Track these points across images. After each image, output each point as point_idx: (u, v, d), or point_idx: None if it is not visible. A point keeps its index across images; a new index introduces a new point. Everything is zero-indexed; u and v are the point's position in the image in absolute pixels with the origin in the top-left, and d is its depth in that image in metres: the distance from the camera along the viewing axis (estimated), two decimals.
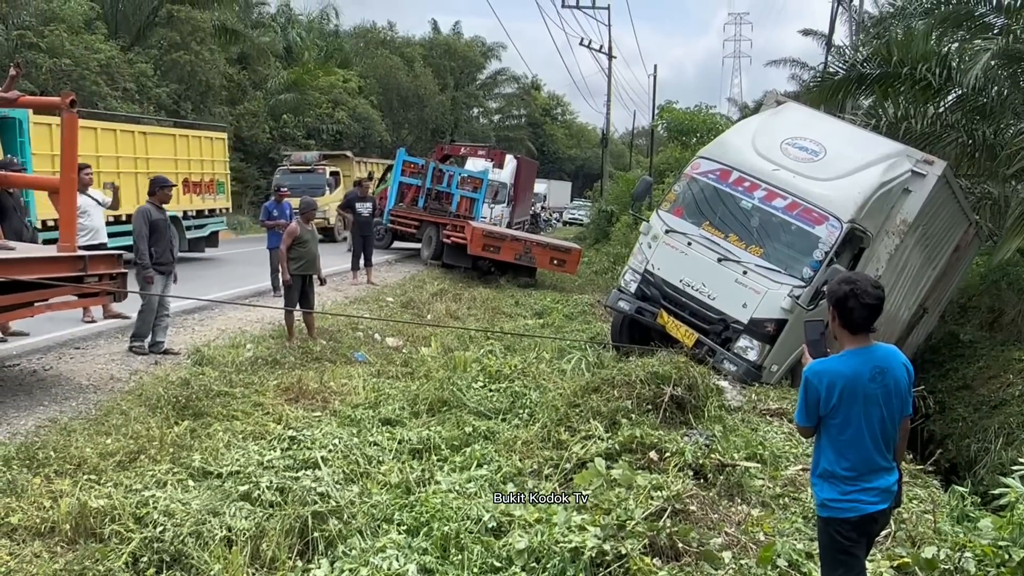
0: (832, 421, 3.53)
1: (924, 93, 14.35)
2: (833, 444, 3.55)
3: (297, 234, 9.75)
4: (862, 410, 3.49)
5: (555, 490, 5.30)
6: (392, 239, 22.32)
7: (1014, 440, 9.06)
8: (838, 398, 3.48)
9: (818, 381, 3.53)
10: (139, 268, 8.69)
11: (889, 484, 3.56)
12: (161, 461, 5.44)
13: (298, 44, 41.25)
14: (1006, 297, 13.51)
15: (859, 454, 3.51)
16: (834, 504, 3.52)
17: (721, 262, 9.51)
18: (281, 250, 9.79)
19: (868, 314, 3.51)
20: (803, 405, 3.60)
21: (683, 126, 28.62)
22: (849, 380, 3.48)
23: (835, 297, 3.55)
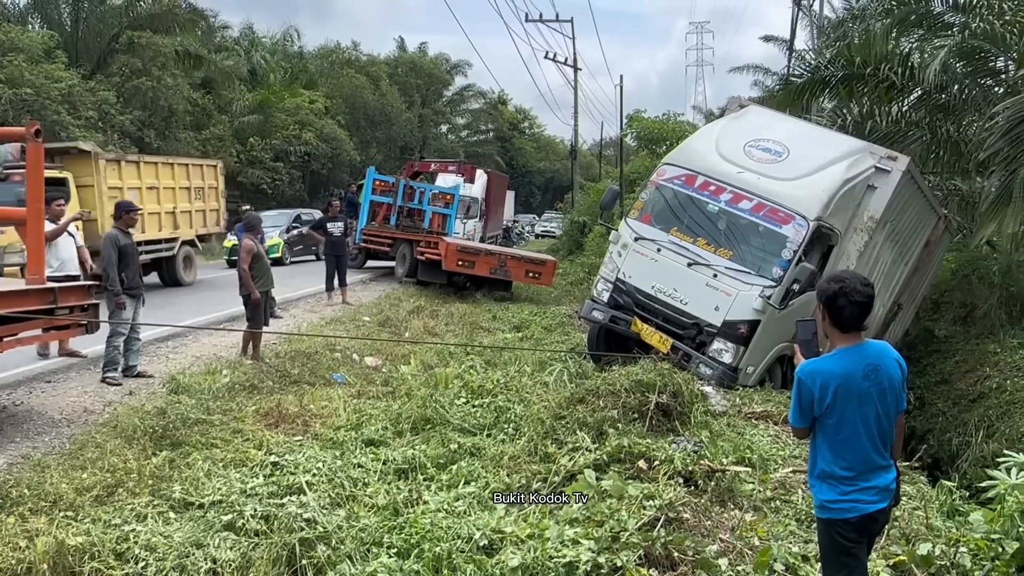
0: (828, 421, 3.49)
1: (887, 93, 14.57)
2: (830, 444, 3.51)
3: (255, 251, 9.73)
4: (857, 409, 3.45)
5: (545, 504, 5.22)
6: (366, 258, 22.18)
7: (994, 432, 9.12)
8: (832, 398, 3.44)
9: (811, 381, 3.48)
10: (109, 294, 8.58)
11: (888, 482, 3.53)
12: (140, 494, 5.29)
13: (262, 66, 41.03)
14: (977, 291, 13.64)
15: (856, 453, 3.48)
16: (834, 505, 3.49)
17: (691, 266, 9.52)
18: (244, 269, 9.72)
19: (858, 312, 3.48)
20: (796, 406, 3.55)
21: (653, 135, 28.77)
22: (843, 379, 3.45)
23: (824, 296, 3.52)
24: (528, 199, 70.29)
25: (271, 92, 37.05)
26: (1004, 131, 9.50)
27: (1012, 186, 9.36)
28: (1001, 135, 9.54)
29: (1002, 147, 9.52)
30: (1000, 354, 10.86)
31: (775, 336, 9.23)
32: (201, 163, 19.50)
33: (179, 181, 17.57)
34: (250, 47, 41.76)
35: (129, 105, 26.23)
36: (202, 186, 18.51)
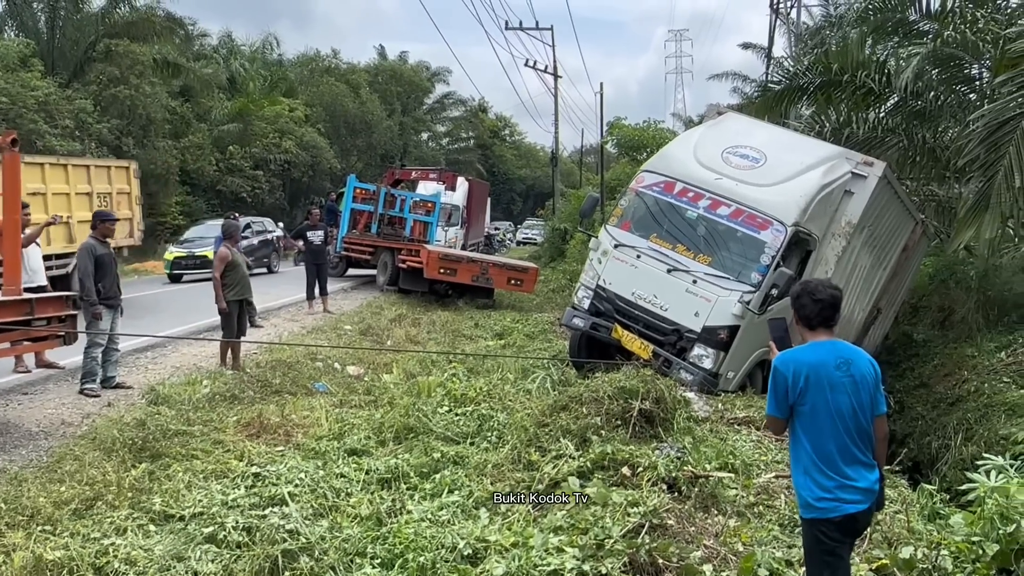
0: (802, 408, 3.61)
1: (864, 99, 14.72)
2: (808, 434, 3.61)
3: (229, 259, 9.68)
4: (829, 396, 3.58)
5: (529, 512, 5.22)
6: (347, 266, 22.09)
7: (973, 435, 9.20)
8: (804, 382, 3.59)
9: (785, 369, 3.64)
10: (86, 305, 8.50)
11: (870, 482, 3.58)
12: (119, 507, 5.22)
13: (241, 75, 40.84)
14: (955, 295, 13.79)
15: (835, 442, 3.57)
16: (818, 504, 3.55)
17: (671, 273, 9.57)
18: (216, 278, 9.68)
19: (820, 309, 3.70)
20: (772, 394, 3.69)
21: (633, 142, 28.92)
22: (814, 366, 3.61)
23: (792, 296, 3.82)
24: (509, 206, 70.36)
25: (250, 100, 36.87)
26: (981, 138, 9.63)
27: (990, 192, 9.48)
28: (979, 142, 9.67)
29: (980, 153, 9.65)
30: (977, 358, 10.98)
31: (755, 341, 9.28)
32: (107, 164, 16.54)
33: (76, 185, 14.53)
34: (229, 55, 41.58)
35: (107, 114, 26.02)
36: (108, 191, 15.36)
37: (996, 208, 9.47)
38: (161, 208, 29.04)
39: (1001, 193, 9.34)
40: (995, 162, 9.43)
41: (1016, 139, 9.08)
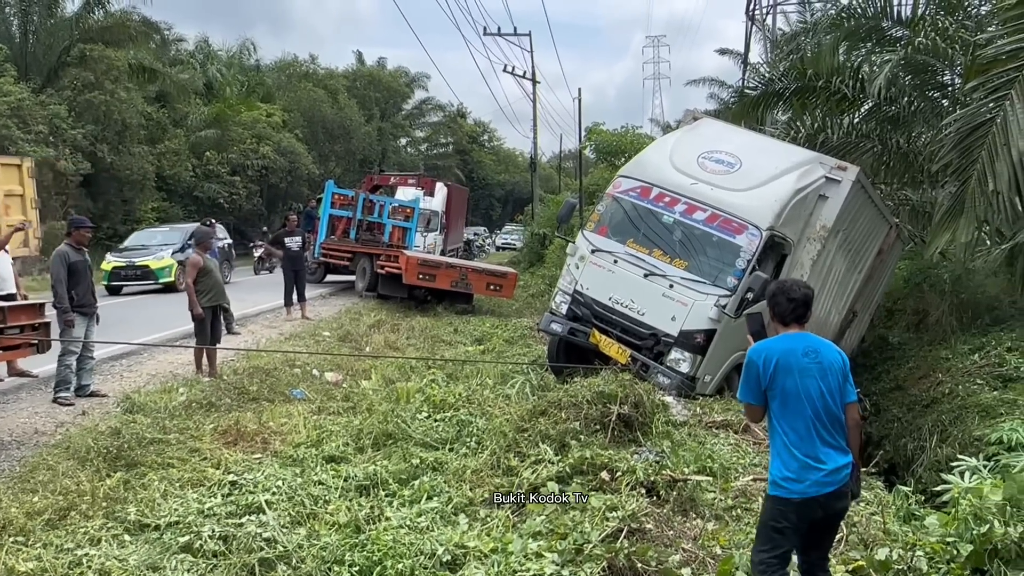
0: (773, 392, 3.84)
1: (839, 105, 14.86)
2: (778, 417, 3.84)
3: (201, 265, 9.64)
4: (798, 380, 3.80)
5: (508, 518, 5.21)
6: (325, 272, 21.98)
7: (947, 437, 9.29)
8: (774, 367, 3.83)
9: (757, 357, 3.89)
10: (58, 312, 8.42)
11: (838, 465, 3.75)
12: (94, 517, 5.15)
13: (218, 80, 40.64)
14: (929, 298, 13.94)
15: (803, 423, 3.78)
16: (783, 483, 3.75)
17: (648, 277, 9.61)
18: (188, 283, 9.63)
19: (793, 307, 3.94)
20: (744, 381, 3.96)
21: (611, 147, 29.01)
22: (783, 353, 3.87)
23: (768, 295, 4.06)
24: (488, 212, 70.43)
25: (227, 105, 36.69)
26: (954, 143, 9.74)
27: (964, 197, 9.59)
28: (951, 147, 9.78)
29: (953, 159, 9.76)
30: (952, 360, 11.09)
31: (731, 345, 9.34)
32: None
33: None
34: (206, 60, 41.36)
35: (81, 119, 25.80)
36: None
37: (971, 212, 9.58)
38: (137, 214, 28.80)
39: (975, 198, 9.45)
40: (968, 167, 9.54)
41: (988, 144, 9.19)
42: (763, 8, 31.57)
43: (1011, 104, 8.81)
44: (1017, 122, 8.73)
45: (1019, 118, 8.70)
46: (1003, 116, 8.97)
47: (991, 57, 9.20)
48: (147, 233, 21.68)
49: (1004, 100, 8.93)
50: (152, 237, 20.75)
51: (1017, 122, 8.73)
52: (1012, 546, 4.27)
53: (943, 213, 10.28)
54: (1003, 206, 9.37)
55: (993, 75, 9.12)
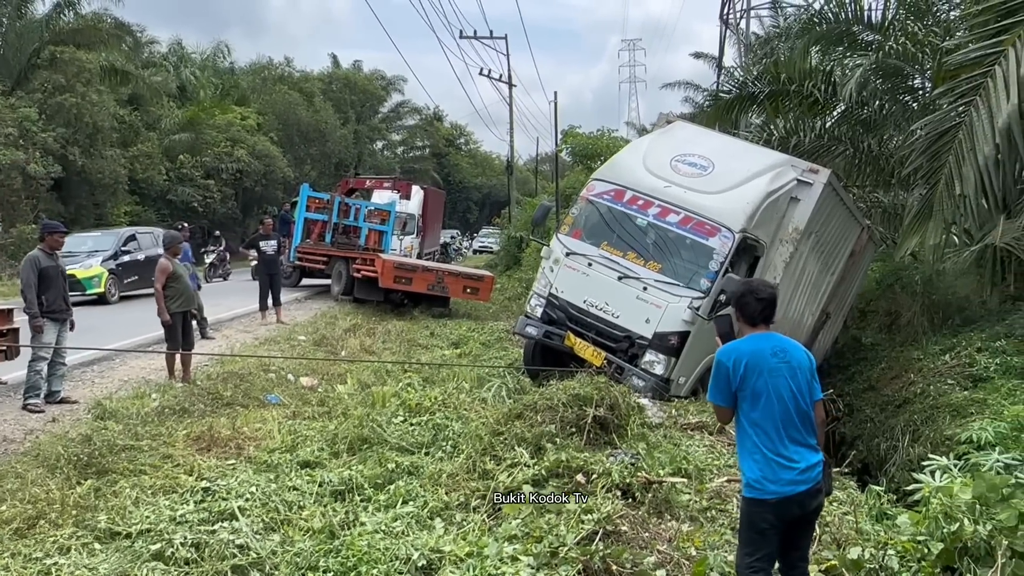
0: (743, 393, 3.84)
1: (811, 108, 15.04)
2: (749, 418, 3.84)
3: (170, 270, 9.58)
4: (768, 379, 3.82)
5: (484, 521, 5.20)
6: (300, 276, 21.85)
7: (920, 436, 9.40)
8: (744, 368, 3.84)
9: (726, 358, 3.90)
10: (29, 318, 8.33)
11: (810, 463, 3.78)
12: (63, 525, 5.08)
13: (192, 83, 40.30)
14: (901, 300, 14.11)
15: (774, 423, 3.80)
16: (756, 484, 3.77)
17: (622, 280, 9.65)
18: (158, 289, 9.55)
19: (762, 307, 3.97)
20: (714, 382, 3.95)
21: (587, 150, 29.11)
22: (753, 354, 3.88)
23: (735, 296, 4.10)
24: (465, 215, 70.37)
25: (201, 108, 36.38)
26: (923, 148, 9.88)
27: (932, 200, 9.72)
28: (921, 152, 9.93)
29: (922, 163, 9.90)
30: (923, 360, 11.23)
31: (705, 346, 9.38)
32: None
33: None
34: (179, 63, 40.97)
35: (52, 122, 25.45)
36: None
37: (939, 215, 9.71)
38: (109, 218, 28.46)
39: (943, 201, 9.58)
40: (936, 171, 9.68)
41: (955, 149, 9.32)
42: (737, 12, 31.84)
43: (976, 110, 8.94)
44: (983, 127, 8.86)
45: (984, 124, 8.82)
46: (969, 121, 9.10)
47: (958, 63, 9.34)
48: (78, 238, 18.84)
49: (970, 106, 9.06)
50: (82, 243, 18.48)
51: (983, 127, 8.86)
52: (981, 544, 4.32)
53: (912, 216, 10.42)
54: (970, 209, 9.50)
55: (960, 81, 9.26)
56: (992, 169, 9.02)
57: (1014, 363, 9.91)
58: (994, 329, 11.19)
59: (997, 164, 9.02)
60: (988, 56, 8.77)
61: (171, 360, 9.80)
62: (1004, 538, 4.27)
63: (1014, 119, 8.41)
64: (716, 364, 3.93)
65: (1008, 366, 9.89)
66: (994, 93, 8.62)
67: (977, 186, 9.17)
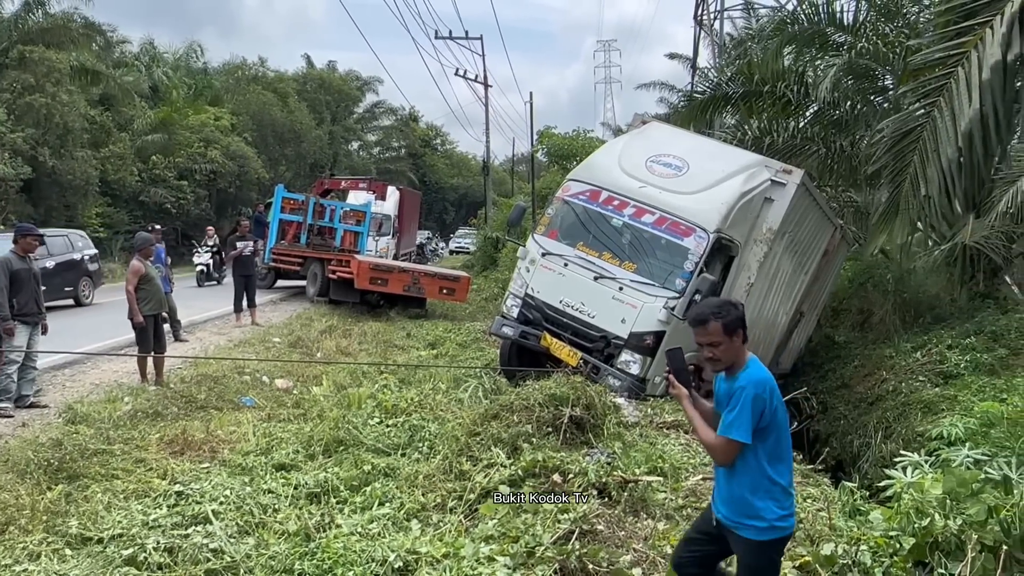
0: (771, 426, 3.44)
1: (785, 109, 15.17)
2: (769, 452, 3.46)
3: (142, 272, 9.51)
4: (781, 410, 3.52)
5: (461, 522, 5.20)
6: (276, 278, 21.70)
7: (892, 433, 9.52)
8: (775, 398, 3.47)
9: (763, 391, 3.43)
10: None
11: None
12: (33, 531, 5.01)
13: (165, 83, 39.83)
14: (873, 298, 14.29)
15: (790, 456, 3.56)
16: (781, 523, 3.47)
17: (598, 280, 9.68)
18: (129, 291, 9.47)
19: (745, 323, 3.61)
20: (750, 418, 3.38)
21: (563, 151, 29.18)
22: (774, 380, 3.54)
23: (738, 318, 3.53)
24: (442, 216, 70.25)
25: (174, 109, 35.97)
26: (888, 146, 9.97)
27: (898, 199, 9.82)
28: (886, 150, 10.01)
29: (888, 161, 10.00)
30: (895, 358, 11.37)
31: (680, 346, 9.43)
32: None
33: None
34: (151, 63, 40.47)
35: (21, 122, 25.06)
36: None
37: (905, 214, 9.82)
38: (81, 220, 28.09)
39: (908, 200, 9.68)
40: (902, 170, 9.77)
41: (920, 149, 9.41)
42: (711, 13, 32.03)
43: (940, 111, 9.02)
44: (946, 129, 8.93)
45: (948, 125, 8.90)
46: (933, 123, 9.19)
47: (921, 63, 9.42)
48: None
49: (934, 107, 9.14)
50: None
51: (946, 129, 8.93)
52: (952, 538, 4.38)
53: (879, 215, 10.53)
54: (935, 210, 9.60)
55: (924, 81, 9.34)
56: (955, 171, 9.08)
57: (983, 360, 10.07)
58: (964, 326, 11.37)
59: (960, 167, 9.10)
60: (951, 57, 8.83)
61: (143, 363, 9.72)
62: (974, 532, 4.34)
63: (975, 124, 8.48)
64: (755, 397, 3.37)
65: (978, 363, 10.06)
66: (956, 96, 8.70)
67: (941, 188, 9.26)
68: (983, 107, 8.33)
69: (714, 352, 3.50)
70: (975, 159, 8.80)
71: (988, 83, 8.18)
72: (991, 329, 10.92)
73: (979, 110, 8.36)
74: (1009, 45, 7.99)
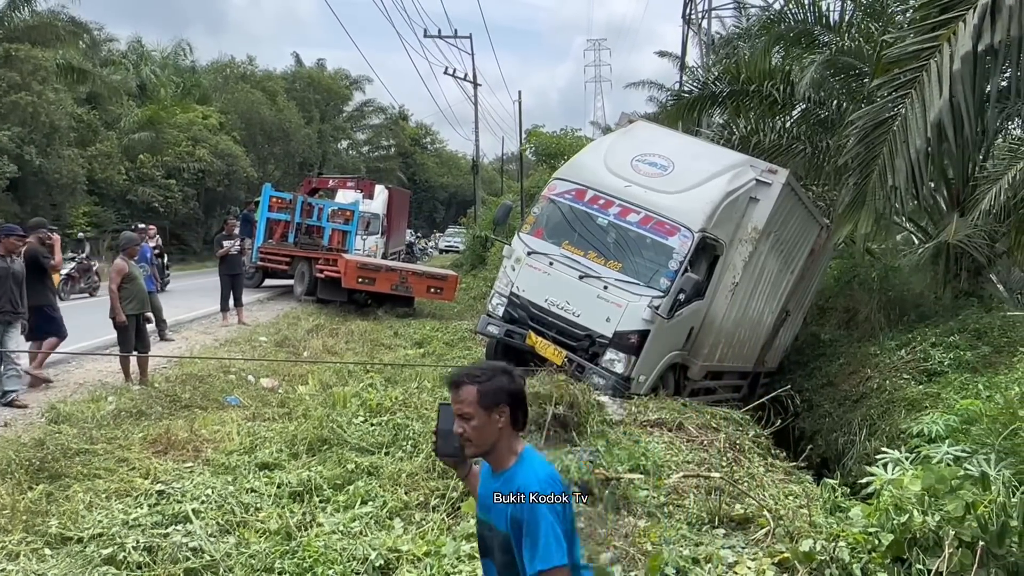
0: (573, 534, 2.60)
1: (771, 108, 15.22)
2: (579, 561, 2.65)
3: (126, 271, 9.47)
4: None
5: (443, 521, 5.20)
6: (263, 277, 21.64)
7: (876, 431, 9.59)
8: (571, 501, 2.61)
9: (565, 488, 2.60)
10: None
11: None
12: (13, 531, 4.98)
13: (152, 81, 39.68)
14: (858, 296, 14.37)
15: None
16: None
17: (583, 279, 9.70)
18: (112, 290, 9.44)
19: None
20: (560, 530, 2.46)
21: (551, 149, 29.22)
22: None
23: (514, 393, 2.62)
24: (432, 214, 70.21)
25: (162, 107, 35.85)
26: (860, 137, 10.02)
27: (866, 189, 9.89)
28: (858, 140, 10.07)
29: (859, 151, 10.05)
30: (880, 356, 11.44)
31: (665, 345, 9.48)
32: None
33: None
34: (139, 61, 40.33)
35: (7, 121, 24.93)
36: None
37: (871, 205, 9.88)
38: (68, 219, 27.96)
39: (875, 191, 9.74)
40: (871, 161, 9.84)
41: (889, 140, 9.47)
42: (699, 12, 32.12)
43: (911, 103, 9.09)
44: (916, 120, 9.00)
45: (917, 116, 8.96)
46: (903, 114, 9.26)
47: (896, 56, 9.47)
48: None
49: (905, 98, 9.21)
50: None
51: (916, 120, 9.00)
52: (930, 534, 4.40)
53: (845, 205, 10.59)
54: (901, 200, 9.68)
55: (897, 73, 9.40)
56: (923, 162, 9.20)
57: (966, 358, 10.14)
58: (948, 324, 11.45)
59: (928, 157, 9.20)
60: (924, 50, 8.89)
61: (126, 362, 9.68)
62: (951, 528, 4.36)
63: (946, 114, 8.55)
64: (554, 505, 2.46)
65: (961, 360, 10.13)
66: (928, 87, 8.76)
67: (908, 178, 9.34)
68: (953, 97, 8.39)
69: (464, 427, 2.57)
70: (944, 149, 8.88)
71: (959, 73, 8.24)
72: (975, 327, 11.00)
73: (949, 100, 8.43)
74: (980, 36, 8.04)
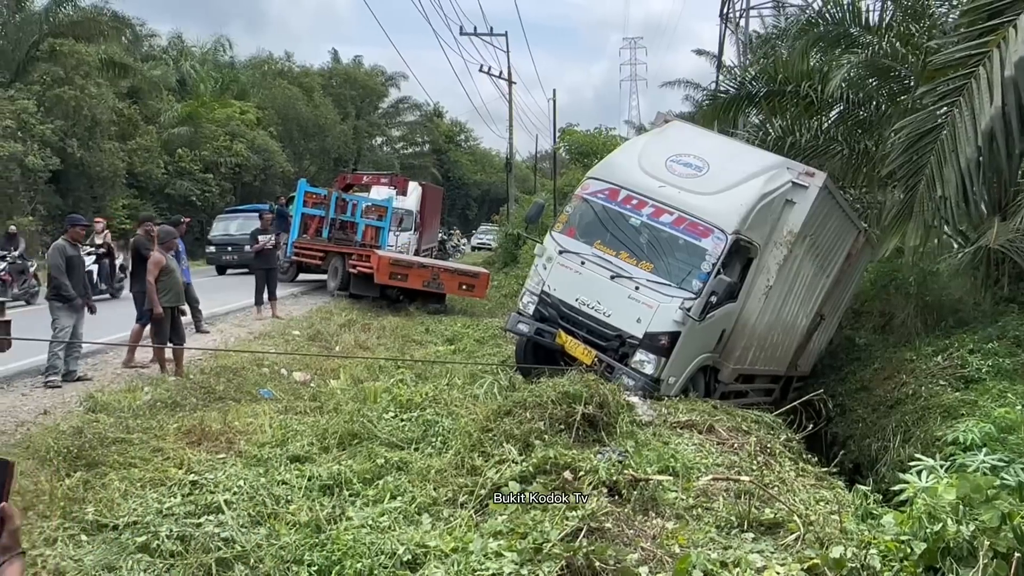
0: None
1: (808, 109, 15.05)
2: None
3: (163, 264, 9.64)
4: None
5: (471, 517, 5.22)
6: (297, 271, 21.86)
7: (911, 437, 9.44)
8: None
9: None
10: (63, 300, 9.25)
11: None
12: (51, 517, 5.08)
13: (192, 77, 40.27)
14: (895, 301, 14.14)
15: None
16: None
17: (614, 279, 9.66)
18: (149, 282, 9.60)
19: None
20: None
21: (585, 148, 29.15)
22: None
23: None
24: (465, 212, 70.37)
25: (201, 103, 36.35)
26: (904, 148, 9.85)
27: (912, 201, 9.71)
28: (901, 151, 9.90)
29: (905, 161, 9.89)
30: (916, 361, 11.25)
31: (696, 347, 9.42)
32: None
33: None
34: (179, 56, 40.97)
35: (50, 114, 25.46)
36: None
37: (919, 216, 9.71)
38: (107, 211, 28.47)
39: (924, 202, 9.56)
40: (917, 171, 9.66)
41: (937, 149, 9.28)
42: (736, 10, 31.83)
43: (960, 111, 8.91)
44: (965, 129, 8.82)
45: (967, 125, 8.78)
46: (952, 122, 9.07)
47: (942, 63, 9.31)
48: None
49: (953, 107, 9.03)
50: None
51: (965, 129, 8.82)
52: (964, 544, 4.33)
53: (892, 216, 10.41)
54: (951, 212, 9.48)
55: (944, 81, 9.23)
56: (974, 172, 8.97)
57: (1005, 365, 9.95)
58: (987, 331, 11.22)
59: (979, 167, 8.98)
60: (972, 57, 8.73)
61: (161, 354, 9.85)
62: (987, 538, 4.29)
63: (997, 121, 8.37)
64: None
65: (999, 368, 9.93)
66: (977, 94, 8.59)
67: (958, 188, 9.15)
68: (1005, 105, 8.22)
69: None
70: (996, 159, 8.68)
71: (1011, 80, 8.07)
72: (1014, 334, 10.77)
73: (1001, 108, 8.25)
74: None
